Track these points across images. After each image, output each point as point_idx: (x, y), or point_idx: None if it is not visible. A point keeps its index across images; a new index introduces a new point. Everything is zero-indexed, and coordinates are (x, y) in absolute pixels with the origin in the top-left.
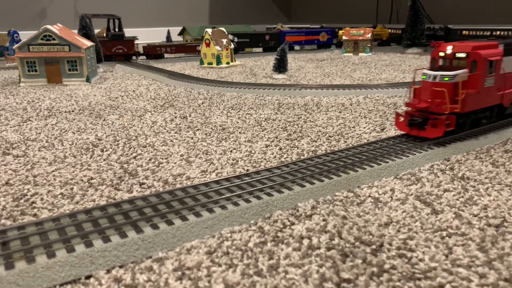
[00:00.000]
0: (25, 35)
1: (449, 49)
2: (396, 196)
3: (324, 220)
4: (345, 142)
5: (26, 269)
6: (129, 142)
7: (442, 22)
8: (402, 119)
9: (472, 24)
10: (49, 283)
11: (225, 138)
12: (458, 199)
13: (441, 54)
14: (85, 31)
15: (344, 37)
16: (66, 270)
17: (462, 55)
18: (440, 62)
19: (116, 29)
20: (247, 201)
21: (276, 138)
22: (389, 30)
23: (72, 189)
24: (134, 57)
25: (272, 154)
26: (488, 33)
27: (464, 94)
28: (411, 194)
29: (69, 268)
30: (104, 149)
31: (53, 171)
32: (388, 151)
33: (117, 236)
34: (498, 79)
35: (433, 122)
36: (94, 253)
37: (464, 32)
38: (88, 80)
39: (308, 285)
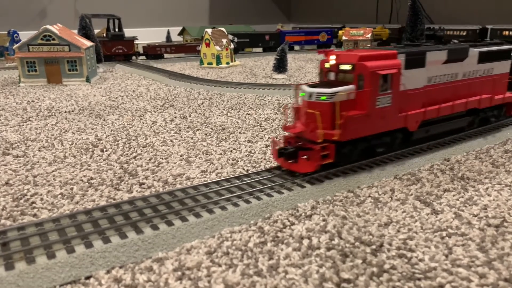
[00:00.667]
0: (25, 35)
1: (332, 59)
2: (396, 196)
3: (324, 220)
4: None
5: (26, 269)
6: (129, 142)
7: (477, 22)
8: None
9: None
10: (49, 283)
11: (225, 138)
12: (458, 199)
13: (326, 65)
14: (85, 31)
15: (344, 37)
16: (66, 270)
17: (347, 67)
18: (331, 76)
19: (116, 29)
20: (247, 201)
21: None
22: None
23: (72, 189)
24: (134, 57)
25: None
26: None
27: (345, 117)
28: (411, 194)
29: (69, 268)
30: (104, 149)
31: (53, 171)
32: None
33: (117, 236)
34: (398, 98)
35: (305, 153)
36: (94, 254)
37: (504, 32)
38: (88, 80)
39: (308, 285)
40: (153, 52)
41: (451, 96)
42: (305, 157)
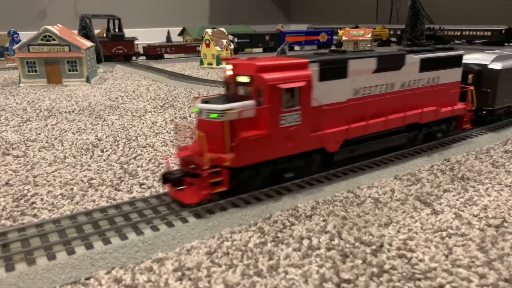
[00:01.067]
0: (25, 36)
1: (229, 69)
2: (396, 196)
3: (324, 220)
4: None
5: (27, 271)
6: (129, 142)
7: (504, 22)
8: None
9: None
10: (49, 285)
11: None
12: (458, 200)
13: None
14: (85, 32)
15: (344, 38)
16: (67, 272)
17: (245, 79)
18: (234, 89)
19: (116, 30)
20: (247, 202)
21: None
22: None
23: (72, 189)
24: (134, 58)
25: None
26: None
27: (239, 139)
28: (411, 195)
29: (69, 270)
30: (104, 150)
31: (53, 172)
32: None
33: (117, 238)
34: (310, 115)
35: (190, 180)
36: (95, 255)
37: None
38: (88, 80)
39: (308, 285)
40: (153, 53)
41: (385, 110)
42: (191, 185)
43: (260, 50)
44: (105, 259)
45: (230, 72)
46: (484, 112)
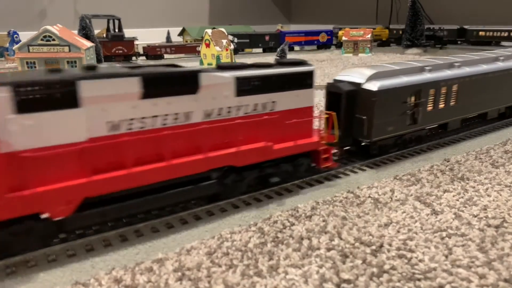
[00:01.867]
0: (25, 36)
1: None
2: (396, 196)
3: (324, 220)
4: None
5: (28, 274)
6: None
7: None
8: None
9: None
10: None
11: None
12: (458, 200)
13: None
14: (85, 32)
15: (344, 38)
16: (67, 275)
17: None
18: None
19: (116, 30)
20: (247, 203)
21: None
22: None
23: None
24: (134, 58)
25: None
26: None
27: None
28: (411, 195)
29: (70, 272)
30: None
31: None
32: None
33: (117, 239)
34: None
35: None
36: (95, 258)
37: None
38: None
39: (308, 285)
40: (153, 53)
41: (171, 151)
42: None
43: (260, 50)
44: (105, 261)
45: None
46: (362, 143)
